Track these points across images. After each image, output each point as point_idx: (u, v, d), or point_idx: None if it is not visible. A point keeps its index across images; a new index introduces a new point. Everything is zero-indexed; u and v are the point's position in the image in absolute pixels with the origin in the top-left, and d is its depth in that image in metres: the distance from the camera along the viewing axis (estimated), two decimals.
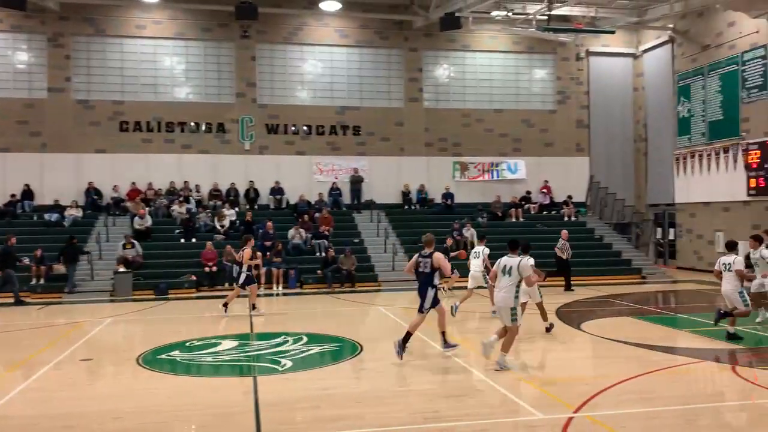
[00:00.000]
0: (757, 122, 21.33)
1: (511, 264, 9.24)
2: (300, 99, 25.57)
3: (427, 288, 9.96)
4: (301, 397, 7.96)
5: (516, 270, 9.15)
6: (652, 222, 27.34)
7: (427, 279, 9.96)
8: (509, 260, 9.33)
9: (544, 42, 26.55)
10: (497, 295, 9.40)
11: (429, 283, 9.94)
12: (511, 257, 9.38)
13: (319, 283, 19.85)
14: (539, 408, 7.30)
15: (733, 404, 7.76)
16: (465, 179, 26.33)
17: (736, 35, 22.25)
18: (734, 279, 11.14)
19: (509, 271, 9.23)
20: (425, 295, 9.97)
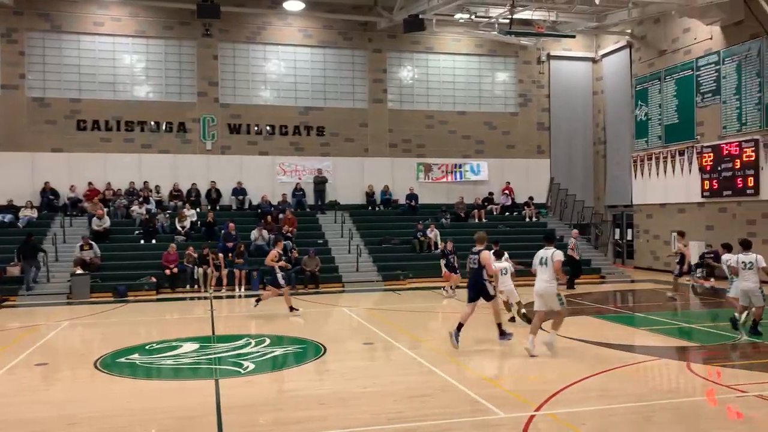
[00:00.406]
0: (711, 126, 21.97)
1: (547, 255, 10.08)
2: (263, 99, 25.36)
3: (476, 282, 10.66)
4: (264, 400, 7.89)
5: (551, 259, 9.98)
6: (611, 223, 27.93)
7: (477, 273, 10.67)
8: (545, 252, 10.13)
9: (506, 45, 26.89)
10: (540, 285, 10.10)
11: (480, 277, 10.64)
12: (546, 249, 10.17)
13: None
14: (502, 407, 7.38)
15: (688, 400, 7.97)
16: (429, 180, 26.47)
17: (691, 41, 22.90)
18: (755, 275, 11.33)
19: (546, 261, 10.04)
20: (475, 288, 10.70)
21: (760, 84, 20.03)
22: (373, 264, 21.78)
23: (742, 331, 11.53)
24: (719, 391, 8.28)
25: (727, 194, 21.12)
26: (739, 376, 8.86)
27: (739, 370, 9.22)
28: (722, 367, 9.49)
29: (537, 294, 10.23)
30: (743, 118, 20.71)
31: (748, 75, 20.48)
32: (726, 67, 21.35)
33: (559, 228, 25.76)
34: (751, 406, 7.60)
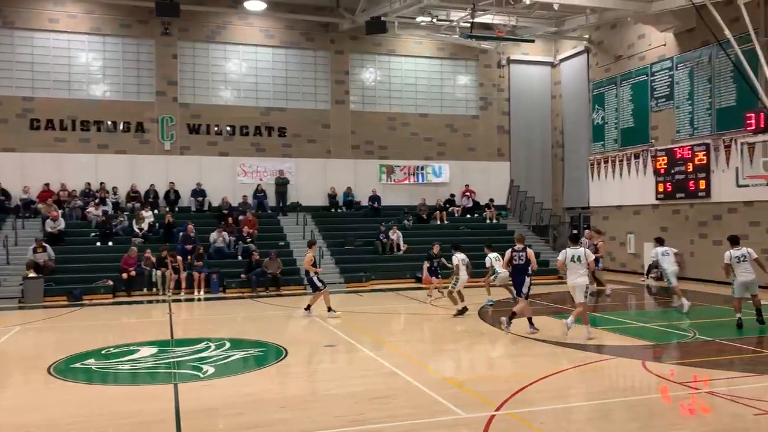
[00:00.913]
0: (665, 130, 22.59)
1: (579, 253, 11.55)
2: (223, 99, 25.07)
3: (523, 277, 12.25)
4: (224, 404, 7.80)
5: (584, 256, 11.48)
6: (569, 224, 28.44)
7: (523, 269, 12.23)
8: (575, 251, 11.59)
9: (468, 49, 27.17)
10: (575, 279, 11.51)
11: (525, 273, 12.23)
12: (575, 248, 11.67)
13: (243, 287, 19.50)
14: (463, 407, 7.46)
15: (643, 398, 8.17)
16: (391, 182, 26.56)
17: (645, 47, 23.51)
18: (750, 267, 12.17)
19: (578, 258, 11.49)
20: (522, 283, 12.25)
21: (711, 90, 20.68)
22: (335, 266, 21.73)
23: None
24: (673, 389, 8.51)
25: (680, 196, 21.73)
26: (692, 374, 9.12)
27: (692, 367, 9.50)
28: (676, 365, 9.76)
29: (571, 287, 11.67)
30: (695, 123, 21.34)
31: (700, 81, 21.12)
32: (679, 73, 21.98)
33: (519, 229, 26.13)
34: (703, 403, 7.84)
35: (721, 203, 20.32)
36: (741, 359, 10.06)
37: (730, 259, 12.35)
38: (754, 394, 7.97)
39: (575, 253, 11.55)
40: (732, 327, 12.13)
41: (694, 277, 20.86)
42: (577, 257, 11.51)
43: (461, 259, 14.39)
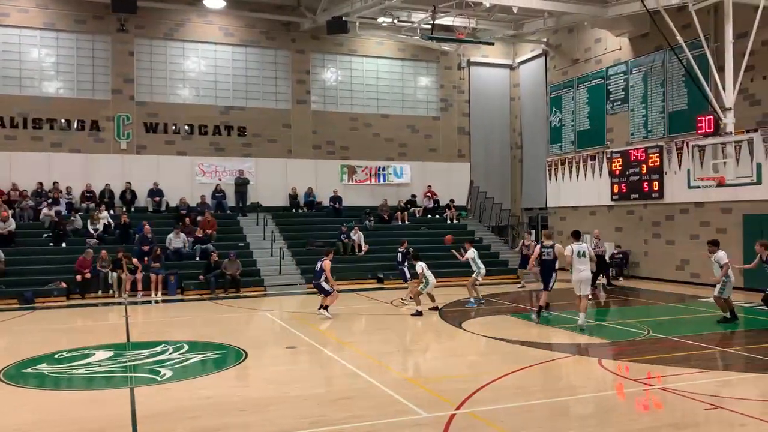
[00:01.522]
0: (620, 132, 23.14)
1: (584, 249, 12.45)
2: (182, 97, 24.66)
3: (551, 272, 13.00)
4: (182, 408, 7.68)
5: (588, 252, 12.45)
6: (527, 225, 28.86)
7: (552, 264, 12.97)
8: (579, 246, 12.42)
9: (428, 50, 27.33)
10: (580, 274, 12.33)
11: (553, 268, 12.98)
12: (579, 244, 12.49)
13: (202, 289, 19.21)
14: (424, 407, 7.50)
15: (600, 395, 8.35)
16: (353, 182, 26.53)
17: (601, 51, 24.04)
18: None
19: (584, 254, 12.36)
20: (550, 276, 13.02)
21: (664, 94, 21.27)
22: (296, 267, 21.60)
23: None
24: (627, 385, 8.72)
25: (634, 197, 22.29)
26: (646, 371, 9.36)
27: (646, 364, 9.74)
28: (630, 362, 10.00)
29: (577, 281, 12.41)
30: (649, 126, 21.92)
31: (654, 85, 21.70)
32: (633, 77, 22.54)
33: (478, 230, 26.43)
34: (657, 399, 8.06)
35: (673, 204, 20.92)
36: (692, 356, 10.37)
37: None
38: (705, 389, 8.22)
39: (580, 249, 12.45)
40: (684, 324, 12.48)
41: (647, 276, 21.42)
42: (582, 252, 12.42)
43: (423, 266, 14.92)
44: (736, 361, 10.02)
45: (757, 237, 17.93)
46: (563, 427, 6.98)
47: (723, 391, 8.27)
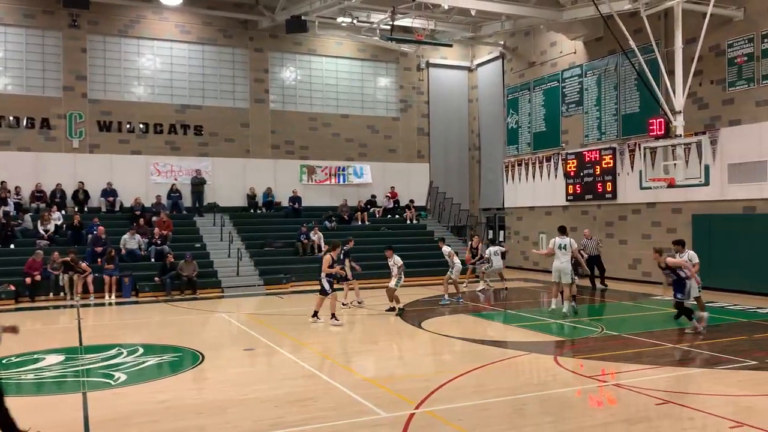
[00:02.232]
0: (575, 134, 23.62)
1: (566, 242, 13.74)
2: (136, 95, 24.14)
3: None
4: (137, 412, 7.52)
5: (569, 245, 13.72)
6: (485, 225, 29.23)
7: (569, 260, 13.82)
8: (562, 240, 13.77)
9: (388, 51, 27.40)
10: (560, 264, 13.71)
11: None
12: (562, 238, 13.81)
13: (157, 291, 18.85)
14: (383, 407, 7.51)
15: (556, 392, 8.51)
16: (312, 183, 26.39)
17: (557, 54, 24.50)
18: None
19: (565, 246, 13.72)
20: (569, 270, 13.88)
21: (617, 97, 21.80)
22: (254, 268, 21.38)
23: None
24: (582, 382, 8.91)
25: (588, 198, 22.78)
26: (600, 367, 9.58)
27: (600, 361, 9.97)
28: (585, 359, 10.22)
29: (556, 269, 13.80)
30: (603, 128, 22.43)
31: (607, 88, 22.22)
32: (588, 80, 23.04)
33: (438, 230, 26.62)
34: (611, 395, 8.26)
35: (626, 204, 21.46)
36: (644, 352, 10.65)
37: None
38: (657, 384, 8.47)
39: (562, 242, 13.79)
40: (636, 322, 12.80)
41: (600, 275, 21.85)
42: (564, 245, 13.75)
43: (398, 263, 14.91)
44: (685, 357, 10.33)
45: (706, 237, 18.60)
46: (520, 424, 7.09)
47: (673, 387, 8.52)
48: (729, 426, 6.77)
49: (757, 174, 17.33)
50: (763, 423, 6.85)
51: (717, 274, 18.18)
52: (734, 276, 17.62)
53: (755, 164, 17.36)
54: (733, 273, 17.66)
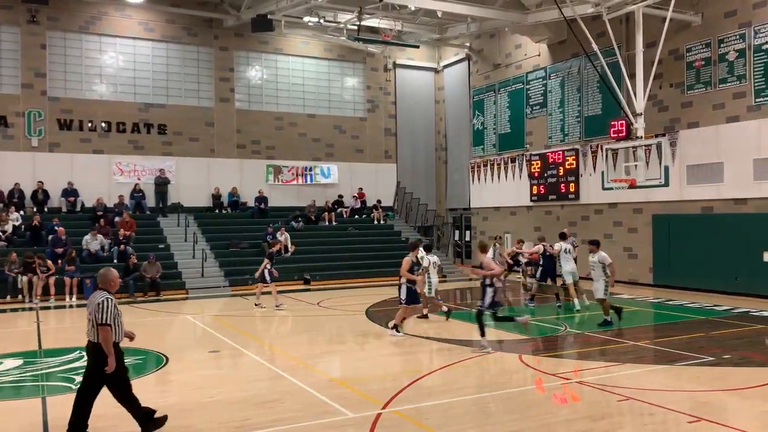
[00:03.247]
0: (539, 136, 23.95)
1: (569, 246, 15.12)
2: (98, 93, 23.66)
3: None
4: (98, 416, 7.36)
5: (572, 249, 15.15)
6: (451, 225, 29.44)
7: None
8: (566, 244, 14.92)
9: (355, 51, 27.39)
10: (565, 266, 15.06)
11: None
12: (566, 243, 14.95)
13: (120, 293, 18.48)
14: (350, 407, 7.51)
15: (521, 389, 8.62)
16: (279, 183, 26.22)
17: (522, 57, 24.81)
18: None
19: (569, 251, 15.05)
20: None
21: (580, 99, 22.17)
22: (219, 269, 21.15)
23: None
24: (546, 380, 9.04)
25: (552, 198, 23.12)
26: (563, 365, 9.74)
27: (563, 359, 10.14)
28: (549, 357, 10.38)
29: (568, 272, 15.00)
30: (566, 130, 22.79)
31: (570, 90, 22.59)
32: (551, 82, 23.39)
33: (405, 230, 26.70)
34: (574, 392, 8.40)
35: (588, 205, 21.84)
36: (606, 350, 10.87)
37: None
38: (618, 381, 8.65)
39: (566, 246, 15.07)
40: (598, 320, 13.02)
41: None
42: (568, 249, 15.06)
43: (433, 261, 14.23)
44: (645, 354, 10.57)
45: (665, 236, 19.06)
46: (486, 422, 7.17)
47: (634, 383, 8.71)
48: (687, 421, 6.95)
49: (714, 175, 17.81)
50: (720, 417, 7.06)
51: (676, 272, 18.67)
52: (692, 275, 18.11)
53: (712, 165, 17.85)
54: (692, 272, 18.14)
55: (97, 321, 6.40)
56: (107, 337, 6.41)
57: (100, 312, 6.41)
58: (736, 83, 17.30)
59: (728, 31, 17.50)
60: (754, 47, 16.85)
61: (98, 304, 6.46)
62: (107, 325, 6.41)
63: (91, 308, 6.53)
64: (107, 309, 6.43)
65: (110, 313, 6.44)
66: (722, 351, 10.47)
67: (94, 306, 6.47)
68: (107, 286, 6.76)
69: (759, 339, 11.76)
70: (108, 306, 6.46)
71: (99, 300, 6.50)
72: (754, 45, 16.87)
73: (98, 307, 6.43)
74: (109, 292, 6.71)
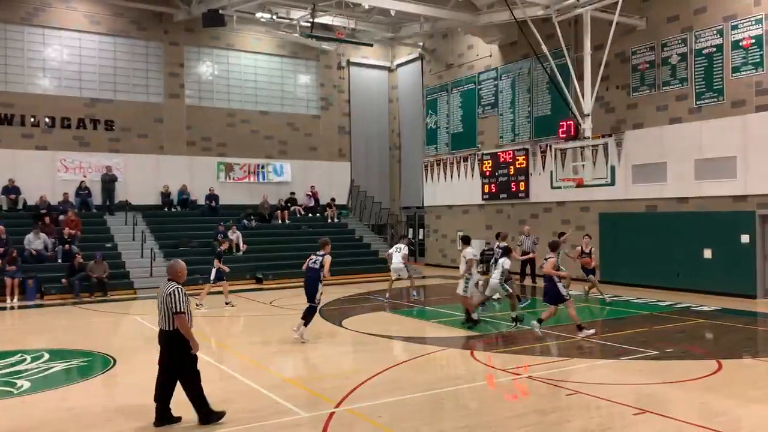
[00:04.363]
0: (490, 135, 24.29)
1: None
2: (41, 87, 22.85)
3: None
4: (43, 421, 7.15)
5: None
6: (405, 223, 29.60)
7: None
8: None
9: (308, 48, 27.22)
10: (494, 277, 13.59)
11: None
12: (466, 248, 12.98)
13: (65, 293, 17.96)
14: (303, 407, 7.48)
15: (472, 385, 8.74)
16: (230, 180, 25.85)
17: (474, 57, 25.11)
18: None
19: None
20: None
21: (530, 99, 22.58)
22: None
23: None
24: (497, 375, 9.20)
25: (503, 197, 23.49)
26: (513, 361, 9.91)
27: (514, 355, 10.32)
28: (499, 353, 10.56)
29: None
30: (516, 129, 23.18)
31: (521, 91, 22.98)
32: (502, 83, 23.75)
33: (359, 228, 26.71)
34: (524, 387, 8.57)
35: (538, 203, 22.28)
36: (555, 345, 11.12)
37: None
38: (567, 376, 8.86)
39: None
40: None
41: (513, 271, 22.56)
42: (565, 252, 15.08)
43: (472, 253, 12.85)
44: (592, 349, 10.84)
45: (611, 234, 19.58)
46: (439, 418, 7.24)
47: (581, 377, 8.94)
48: (632, 413, 7.17)
49: (658, 175, 18.41)
50: (663, 409, 7.31)
51: (622, 269, 19.23)
52: (637, 271, 18.68)
53: (656, 165, 18.43)
54: (637, 269, 18.72)
55: (172, 310, 6.74)
56: (184, 324, 6.77)
57: (173, 301, 6.74)
58: (679, 86, 17.92)
59: (671, 35, 18.10)
60: (695, 51, 17.48)
61: (170, 294, 6.78)
62: (182, 312, 6.74)
63: (161, 299, 6.85)
64: (179, 297, 6.76)
65: (183, 301, 6.76)
66: (665, 345, 10.84)
67: (166, 296, 6.79)
68: (175, 277, 7.06)
69: (699, 333, 12.22)
70: (179, 295, 6.78)
71: (170, 290, 6.82)
72: (695, 49, 17.49)
73: (170, 297, 6.76)
74: (178, 282, 6.99)
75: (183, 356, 6.87)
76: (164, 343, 6.91)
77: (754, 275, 16.17)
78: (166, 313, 6.79)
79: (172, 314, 6.75)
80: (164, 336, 6.89)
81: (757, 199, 16.18)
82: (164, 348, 6.93)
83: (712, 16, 17.15)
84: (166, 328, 6.83)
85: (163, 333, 6.89)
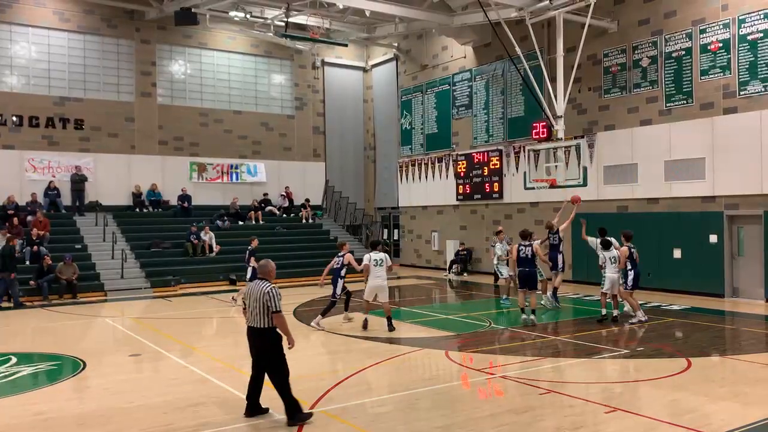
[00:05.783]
0: (464, 137, 24.42)
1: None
2: (8, 85, 22.36)
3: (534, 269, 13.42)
4: (10, 426, 6.98)
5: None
6: (380, 224, 29.60)
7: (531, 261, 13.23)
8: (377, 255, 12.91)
9: (283, 48, 27.07)
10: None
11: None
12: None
13: (33, 296, 17.59)
14: (277, 408, 7.42)
15: (447, 385, 8.76)
16: (203, 180, 25.57)
17: (448, 58, 25.21)
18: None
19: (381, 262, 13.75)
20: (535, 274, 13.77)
21: (504, 101, 22.75)
22: (140, 270, 20.43)
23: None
24: (472, 375, 9.24)
25: (477, 198, 23.63)
26: (488, 361, 9.97)
27: (488, 354, 10.38)
28: (474, 353, 10.61)
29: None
30: (490, 131, 23.33)
31: (495, 92, 23.13)
32: (477, 84, 23.88)
33: (333, 229, 26.63)
34: (498, 386, 8.62)
35: (511, 204, 22.44)
36: (528, 345, 11.21)
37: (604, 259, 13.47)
38: (540, 375, 8.94)
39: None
40: (520, 316, 13.41)
41: (488, 272, 22.75)
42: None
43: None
44: (565, 348, 10.96)
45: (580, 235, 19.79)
46: (414, 418, 7.24)
47: (554, 376, 9.03)
48: (604, 411, 7.26)
49: (629, 176, 18.68)
50: (634, 407, 7.42)
51: (593, 269, 19.43)
52: None
53: (627, 166, 18.70)
54: None
55: (271, 309, 6.90)
56: (283, 322, 7.00)
57: (271, 300, 6.91)
58: (649, 88, 18.21)
59: (642, 38, 18.39)
60: (665, 54, 17.78)
61: (267, 292, 6.93)
62: (280, 311, 6.93)
63: (254, 297, 6.98)
64: (276, 297, 6.93)
65: (279, 301, 6.93)
66: (636, 343, 11.00)
67: (263, 294, 6.92)
68: (267, 276, 7.19)
69: (669, 331, 12.43)
70: (276, 294, 6.95)
71: (266, 289, 6.96)
72: (665, 52, 17.79)
73: (269, 296, 6.91)
74: (269, 281, 7.11)
75: (276, 352, 7.02)
76: (258, 340, 7.03)
77: (722, 275, 16.51)
78: (261, 310, 6.93)
79: (271, 312, 6.91)
80: (257, 333, 7.02)
81: (725, 199, 16.52)
82: (259, 344, 7.05)
83: (681, 20, 17.47)
84: (261, 325, 6.97)
85: (257, 330, 7.02)
